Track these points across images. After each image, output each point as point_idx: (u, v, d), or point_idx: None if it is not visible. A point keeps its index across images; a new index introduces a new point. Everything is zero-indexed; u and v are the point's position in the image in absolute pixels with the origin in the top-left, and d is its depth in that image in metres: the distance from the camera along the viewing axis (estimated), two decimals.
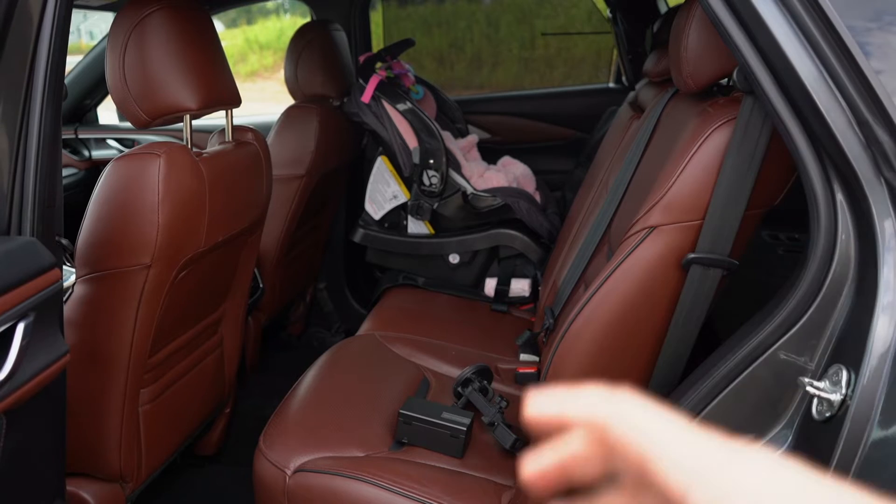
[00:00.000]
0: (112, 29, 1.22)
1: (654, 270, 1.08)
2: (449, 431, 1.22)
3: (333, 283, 2.60)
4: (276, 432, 1.28)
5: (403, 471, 1.17)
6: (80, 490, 1.30)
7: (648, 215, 1.08)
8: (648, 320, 1.11)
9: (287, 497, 1.19)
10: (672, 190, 1.05)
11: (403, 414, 1.24)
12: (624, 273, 1.11)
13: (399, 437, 1.25)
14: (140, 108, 1.23)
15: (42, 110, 0.94)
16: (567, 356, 1.19)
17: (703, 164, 1.02)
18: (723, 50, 1.04)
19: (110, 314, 1.23)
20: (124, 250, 1.19)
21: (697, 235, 1.03)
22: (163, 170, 1.18)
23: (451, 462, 1.22)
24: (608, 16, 2.92)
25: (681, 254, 1.05)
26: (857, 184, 0.75)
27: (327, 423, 1.30)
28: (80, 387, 1.22)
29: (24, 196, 0.95)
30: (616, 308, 1.12)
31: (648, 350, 1.12)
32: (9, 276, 0.85)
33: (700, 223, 1.03)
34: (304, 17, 3.01)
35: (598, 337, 1.15)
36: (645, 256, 1.08)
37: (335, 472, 1.16)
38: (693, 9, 1.09)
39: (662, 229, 1.06)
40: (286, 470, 1.19)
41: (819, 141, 0.79)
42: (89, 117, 2.68)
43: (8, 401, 0.85)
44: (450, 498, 1.12)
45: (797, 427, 0.86)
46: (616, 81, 3.07)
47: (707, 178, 1.01)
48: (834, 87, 0.76)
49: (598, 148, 2.36)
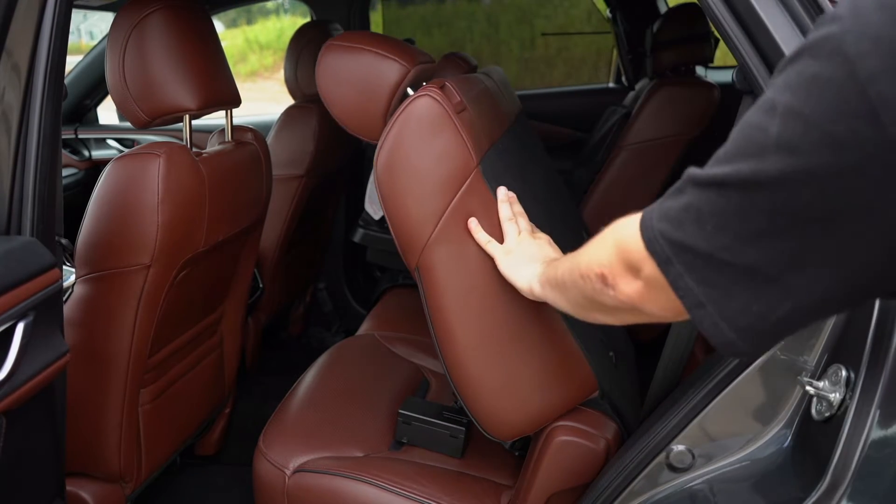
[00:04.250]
0: (112, 29, 1.22)
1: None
2: (448, 431, 1.22)
3: (333, 283, 2.60)
4: (276, 432, 1.27)
5: (403, 471, 1.17)
6: (79, 490, 1.30)
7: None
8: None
9: (287, 497, 1.19)
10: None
11: (403, 414, 1.24)
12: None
13: (399, 436, 1.25)
14: (140, 107, 1.23)
15: (42, 110, 0.94)
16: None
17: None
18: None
19: (110, 314, 1.23)
20: (124, 250, 1.19)
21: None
22: (162, 170, 1.18)
23: (450, 462, 1.22)
24: (608, 16, 2.93)
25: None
26: None
27: (327, 423, 1.30)
28: (80, 387, 1.22)
29: (23, 196, 0.95)
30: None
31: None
32: (8, 276, 0.85)
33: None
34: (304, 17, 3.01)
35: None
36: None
37: (335, 473, 1.16)
38: None
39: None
40: (286, 470, 1.19)
41: None
42: (89, 117, 2.68)
43: (7, 401, 0.85)
44: (449, 498, 1.12)
45: (796, 427, 0.86)
46: (616, 81, 3.07)
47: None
48: None
49: (597, 148, 2.37)
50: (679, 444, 0.94)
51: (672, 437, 0.95)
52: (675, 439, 0.95)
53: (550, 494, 1.06)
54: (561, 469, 1.05)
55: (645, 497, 0.98)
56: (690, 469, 0.94)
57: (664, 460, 0.96)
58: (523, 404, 1.04)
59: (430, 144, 0.98)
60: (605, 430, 1.06)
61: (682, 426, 0.94)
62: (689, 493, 0.93)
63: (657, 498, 0.97)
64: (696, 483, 0.93)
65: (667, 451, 0.96)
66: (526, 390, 1.04)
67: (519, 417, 1.06)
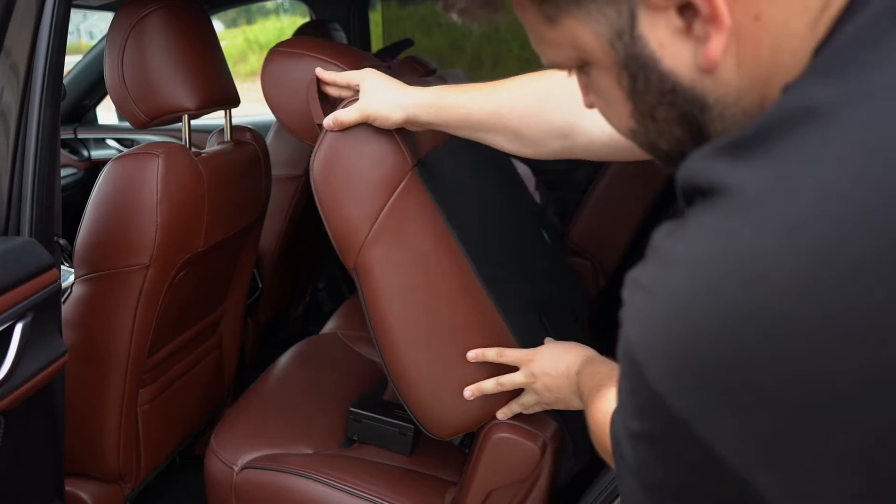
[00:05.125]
0: (110, 29, 1.22)
1: None
2: (398, 429, 1.22)
3: (333, 283, 2.60)
4: (227, 429, 1.29)
5: (349, 468, 1.19)
6: (78, 490, 1.30)
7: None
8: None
9: (234, 493, 1.21)
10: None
11: (353, 412, 1.25)
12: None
13: (350, 434, 1.26)
14: (138, 107, 1.23)
15: (41, 110, 0.94)
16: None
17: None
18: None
19: (109, 314, 1.23)
20: (122, 250, 1.19)
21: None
22: (161, 170, 1.18)
23: (400, 459, 1.23)
24: None
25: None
26: None
27: (278, 420, 1.31)
28: (79, 387, 1.22)
29: (22, 196, 0.95)
30: None
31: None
32: (7, 277, 0.85)
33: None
34: (304, 17, 3.01)
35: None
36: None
37: (281, 469, 1.18)
38: None
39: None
40: (234, 466, 1.21)
41: None
42: (88, 117, 2.67)
43: (6, 401, 0.85)
44: (392, 494, 1.14)
45: None
46: None
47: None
48: None
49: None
50: None
51: None
52: None
53: (489, 491, 1.08)
54: (497, 466, 1.07)
55: None
56: None
57: None
58: (462, 402, 1.06)
59: (364, 147, 1.00)
60: (545, 429, 1.08)
61: None
62: None
63: None
64: None
65: None
66: (464, 388, 1.05)
67: (458, 415, 1.07)
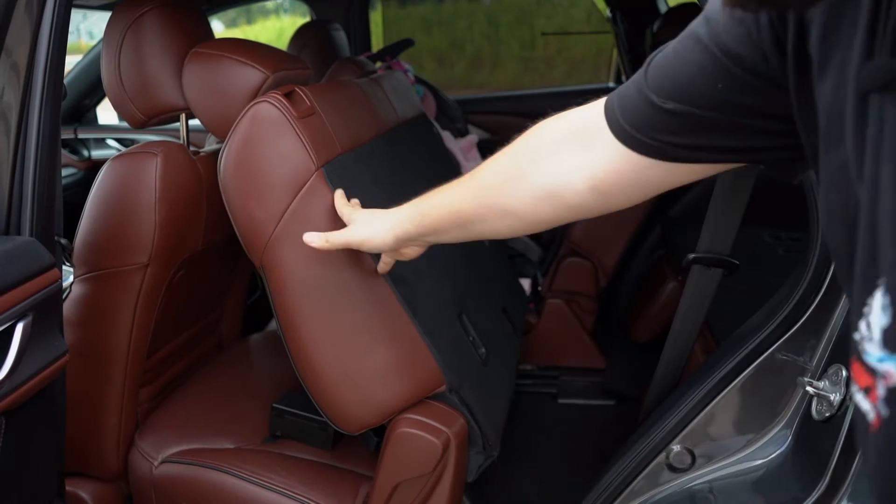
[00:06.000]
0: (107, 28, 1.22)
1: None
2: (318, 424, 1.23)
3: None
4: (152, 424, 1.31)
5: (266, 462, 1.20)
6: (78, 490, 1.30)
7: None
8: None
9: (153, 487, 1.22)
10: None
11: (276, 408, 1.26)
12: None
13: (273, 430, 1.28)
14: (136, 107, 1.23)
15: (41, 110, 0.94)
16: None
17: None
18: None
19: (108, 313, 1.23)
20: (121, 249, 1.19)
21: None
22: (160, 169, 1.17)
23: (320, 454, 1.25)
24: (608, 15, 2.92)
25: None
26: None
27: (204, 415, 1.33)
28: (79, 386, 1.22)
29: (23, 196, 0.95)
30: None
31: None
32: (8, 276, 0.85)
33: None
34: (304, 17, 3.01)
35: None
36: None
37: (197, 463, 1.20)
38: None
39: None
40: (153, 461, 1.23)
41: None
42: (89, 117, 2.67)
43: (7, 401, 0.85)
44: (304, 488, 1.15)
45: (797, 427, 0.86)
46: (616, 81, 3.07)
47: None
48: None
49: None
50: (679, 444, 0.95)
51: (672, 437, 0.95)
52: (675, 439, 0.95)
53: (396, 483, 1.09)
54: (401, 459, 1.08)
55: (645, 497, 0.98)
56: (690, 469, 0.94)
57: (664, 460, 0.96)
58: (367, 396, 1.07)
59: (270, 148, 1.02)
60: (450, 424, 1.08)
61: (682, 426, 0.94)
62: (689, 493, 0.94)
63: (657, 498, 0.97)
64: (697, 483, 0.93)
65: (667, 451, 0.96)
66: (369, 383, 1.06)
67: (363, 410, 1.08)
